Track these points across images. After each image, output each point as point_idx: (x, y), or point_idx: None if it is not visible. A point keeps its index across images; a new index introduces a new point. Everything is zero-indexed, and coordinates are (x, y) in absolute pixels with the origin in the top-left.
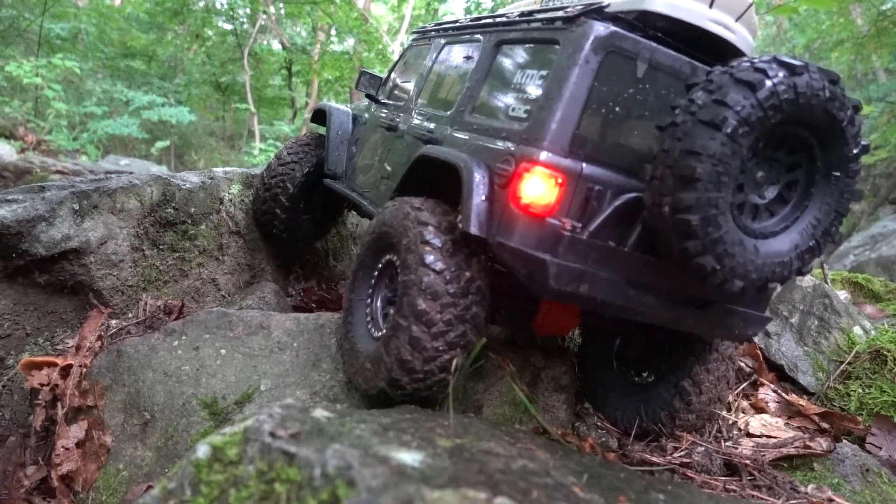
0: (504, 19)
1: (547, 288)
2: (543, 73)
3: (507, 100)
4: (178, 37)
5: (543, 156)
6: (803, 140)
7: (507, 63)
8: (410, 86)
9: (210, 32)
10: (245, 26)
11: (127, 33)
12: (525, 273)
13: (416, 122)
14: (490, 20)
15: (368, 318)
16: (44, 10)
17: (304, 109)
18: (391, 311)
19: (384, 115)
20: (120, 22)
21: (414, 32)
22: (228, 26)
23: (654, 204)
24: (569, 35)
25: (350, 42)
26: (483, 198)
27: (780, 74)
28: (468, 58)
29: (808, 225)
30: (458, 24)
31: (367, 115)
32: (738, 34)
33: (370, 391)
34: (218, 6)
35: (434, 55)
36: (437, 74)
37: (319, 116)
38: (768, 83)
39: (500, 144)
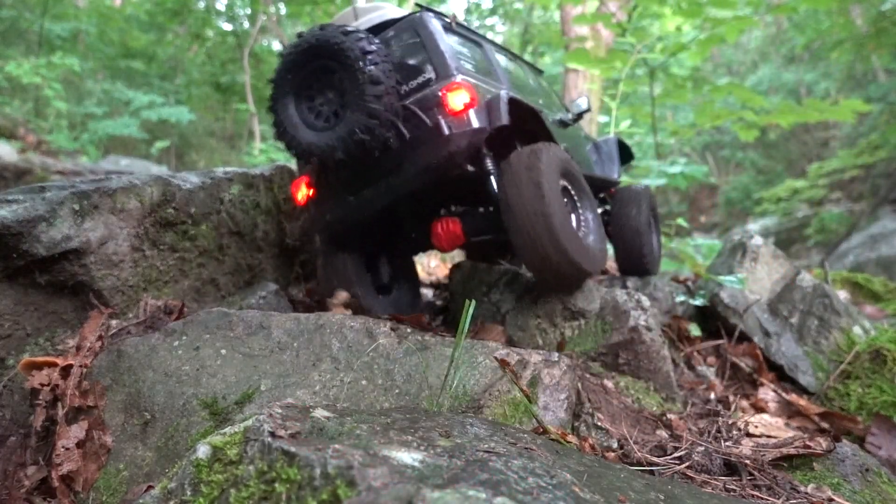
0: None
1: None
2: None
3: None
4: (178, 37)
5: None
6: (333, 72)
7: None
8: None
9: (210, 33)
10: (245, 26)
11: (127, 33)
12: None
13: None
14: None
15: None
16: (44, 11)
17: None
18: None
19: None
20: (120, 22)
21: None
22: (228, 26)
23: None
24: None
25: None
26: None
27: (314, 30)
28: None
29: (342, 129)
30: None
31: None
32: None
33: None
34: (218, 6)
35: None
36: None
37: None
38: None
39: None
